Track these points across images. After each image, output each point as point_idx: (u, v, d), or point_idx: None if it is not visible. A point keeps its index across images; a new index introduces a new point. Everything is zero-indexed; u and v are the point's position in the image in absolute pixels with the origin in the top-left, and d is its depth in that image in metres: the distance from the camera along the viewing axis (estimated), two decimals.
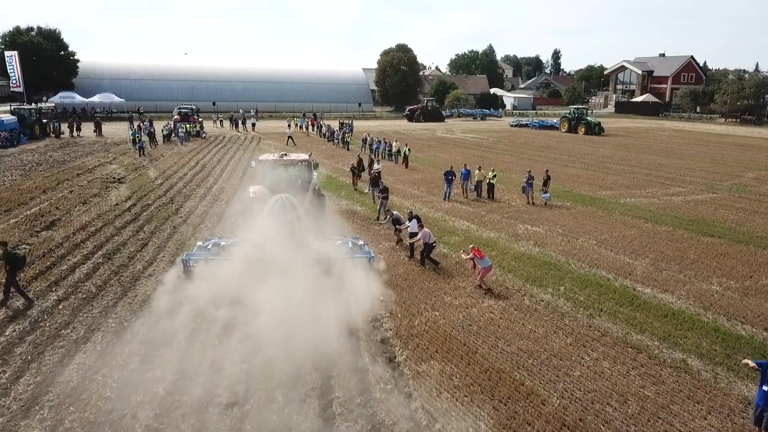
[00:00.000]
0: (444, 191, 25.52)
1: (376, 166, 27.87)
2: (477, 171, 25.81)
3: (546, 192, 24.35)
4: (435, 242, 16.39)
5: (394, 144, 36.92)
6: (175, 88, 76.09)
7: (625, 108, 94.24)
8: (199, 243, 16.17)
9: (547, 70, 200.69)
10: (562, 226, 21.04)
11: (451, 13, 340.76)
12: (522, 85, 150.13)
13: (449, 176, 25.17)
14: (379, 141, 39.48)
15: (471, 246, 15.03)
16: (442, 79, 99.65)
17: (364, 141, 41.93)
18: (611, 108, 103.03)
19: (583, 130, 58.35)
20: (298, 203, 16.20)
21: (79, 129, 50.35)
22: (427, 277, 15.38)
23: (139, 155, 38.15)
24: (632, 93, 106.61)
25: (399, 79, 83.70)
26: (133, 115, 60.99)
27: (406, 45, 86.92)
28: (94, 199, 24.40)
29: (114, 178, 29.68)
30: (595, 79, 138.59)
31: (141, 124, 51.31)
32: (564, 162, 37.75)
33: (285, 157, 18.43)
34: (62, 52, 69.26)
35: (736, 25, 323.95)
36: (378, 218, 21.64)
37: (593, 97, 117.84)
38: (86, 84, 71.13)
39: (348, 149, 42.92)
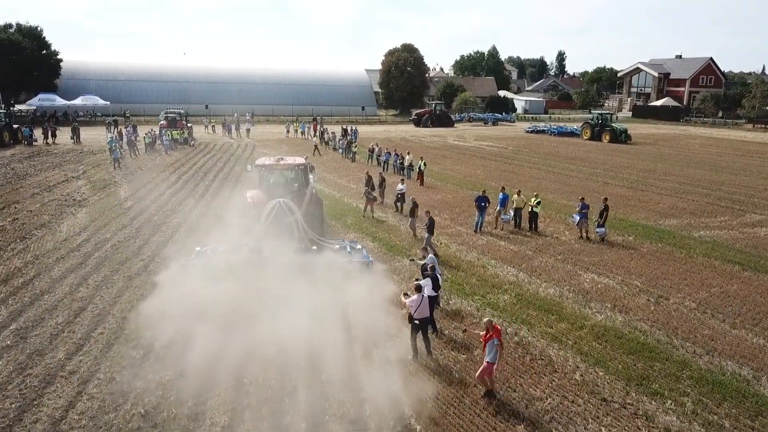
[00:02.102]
0: (475, 221, 20.62)
1: (400, 186, 23.19)
2: (516, 196, 20.90)
3: (602, 225, 19.38)
4: (425, 320, 11.13)
5: (406, 157, 31.98)
6: (166, 89, 71.21)
7: (643, 112, 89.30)
8: (197, 248, 15.69)
9: (552, 72, 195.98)
10: (638, 275, 16.12)
11: (450, 12, 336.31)
12: (529, 88, 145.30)
13: (482, 202, 20.28)
14: (389, 152, 34.58)
15: (486, 320, 9.93)
16: (449, 81, 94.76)
17: (371, 152, 37.04)
18: (626, 112, 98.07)
19: (608, 137, 53.36)
20: (295, 207, 15.99)
21: (54, 135, 45.49)
22: (474, 372, 10.48)
23: (114, 168, 33.27)
24: (647, 96, 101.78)
25: (404, 81, 78.83)
26: (116, 119, 56.13)
27: (412, 45, 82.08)
28: (38, 232, 19.48)
29: (74, 199, 24.78)
30: (605, 81, 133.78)
31: (123, 130, 46.50)
32: (602, 177, 32.84)
33: (282, 162, 18.10)
34: (44, 51, 64.32)
35: (739, 27, 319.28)
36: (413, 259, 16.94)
37: (607, 101, 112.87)
38: (70, 85, 66.28)
39: (353, 161, 38.03)
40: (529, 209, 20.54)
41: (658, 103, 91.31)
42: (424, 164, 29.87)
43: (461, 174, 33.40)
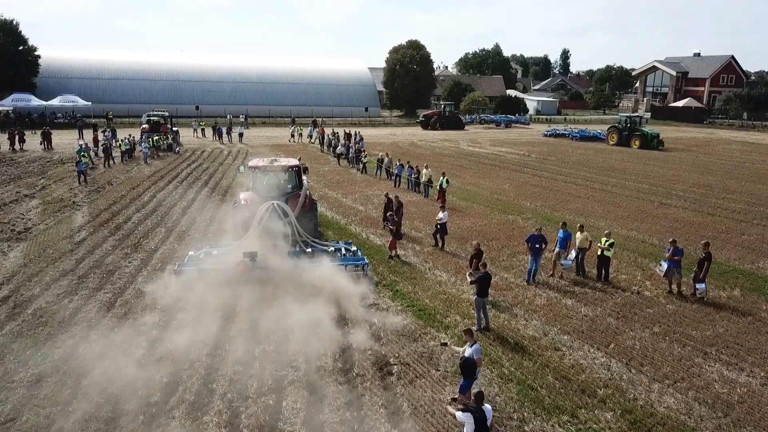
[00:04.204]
0: (528, 267, 15.66)
1: (440, 215, 18.24)
2: (579, 234, 15.95)
3: (702, 280, 14.39)
4: None
5: (423, 171, 26.99)
6: (154, 89, 66.15)
7: (661, 113, 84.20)
8: (191, 252, 15.57)
9: (556, 71, 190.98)
10: None
11: (449, 11, 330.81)
12: (536, 87, 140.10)
13: (537, 243, 15.32)
14: (401, 164, 29.52)
15: None
16: (457, 80, 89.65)
17: (381, 162, 32.03)
18: (642, 113, 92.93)
19: (637, 143, 48.36)
20: (289, 210, 15.96)
21: (22, 141, 40.44)
22: None
23: (79, 182, 28.29)
24: (664, 96, 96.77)
25: (410, 80, 73.72)
26: (96, 122, 51.13)
27: (418, 41, 76.97)
28: None
29: (13, 229, 19.78)
30: (615, 80, 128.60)
31: (100, 135, 41.55)
32: (653, 195, 27.84)
33: (275, 163, 18.04)
34: (21, 48, 59.13)
35: (742, 27, 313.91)
36: (479, 327, 12.47)
37: (622, 101, 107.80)
38: (51, 84, 61.18)
39: (364, 172, 32.95)
40: (598, 252, 15.57)
41: (680, 103, 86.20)
42: (447, 181, 24.85)
43: (487, 190, 28.44)
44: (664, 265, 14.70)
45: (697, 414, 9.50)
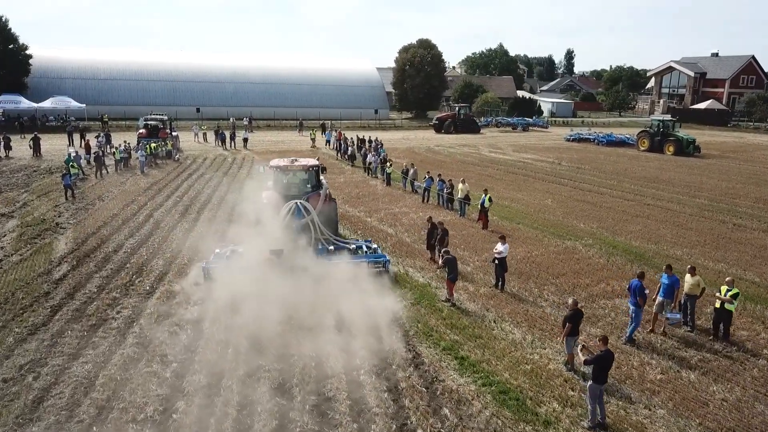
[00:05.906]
0: (630, 324, 12.27)
1: (499, 247, 14.77)
2: (689, 277, 12.58)
3: None
4: None
5: (460, 186, 23.54)
6: (152, 89, 62.68)
7: (682, 115, 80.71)
8: (217, 250, 15.80)
9: (560, 71, 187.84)
10: None
11: (449, 11, 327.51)
12: (544, 88, 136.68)
13: (642, 293, 11.93)
14: (430, 177, 26.09)
15: None
16: (467, 81, 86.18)
17: (405, 174, 28.64)
18: (658, 114, 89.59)
19: (671, 149, 44.95)
20: (311, 208, 16.35)
21: (8, 147, 37.08)
22: None
23: (66, 198, 24.92)
24: (681, 98, 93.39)
25: (421, 81, 70.26)
26: (84, 126, 47.67)
27: (429, 40, 73.53)
28: None
29: None
30: (626, 80, 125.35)
31: (93, 141, 38.17)
32: (717, 212, 24.46)
33: (295, 163, 18.36)
34: (11, 46, 55.69)
35: (762, 27, 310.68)
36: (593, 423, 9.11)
37: (637, 102, 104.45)
38: (43, 85, 57.72)
39: (388, 184, 29.50)
40: (717, 304, 12.19)
41: (702, 105, 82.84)
42: (490, 199, 21.46)
43: (529, 207, 25.06)
44: None
45: None
